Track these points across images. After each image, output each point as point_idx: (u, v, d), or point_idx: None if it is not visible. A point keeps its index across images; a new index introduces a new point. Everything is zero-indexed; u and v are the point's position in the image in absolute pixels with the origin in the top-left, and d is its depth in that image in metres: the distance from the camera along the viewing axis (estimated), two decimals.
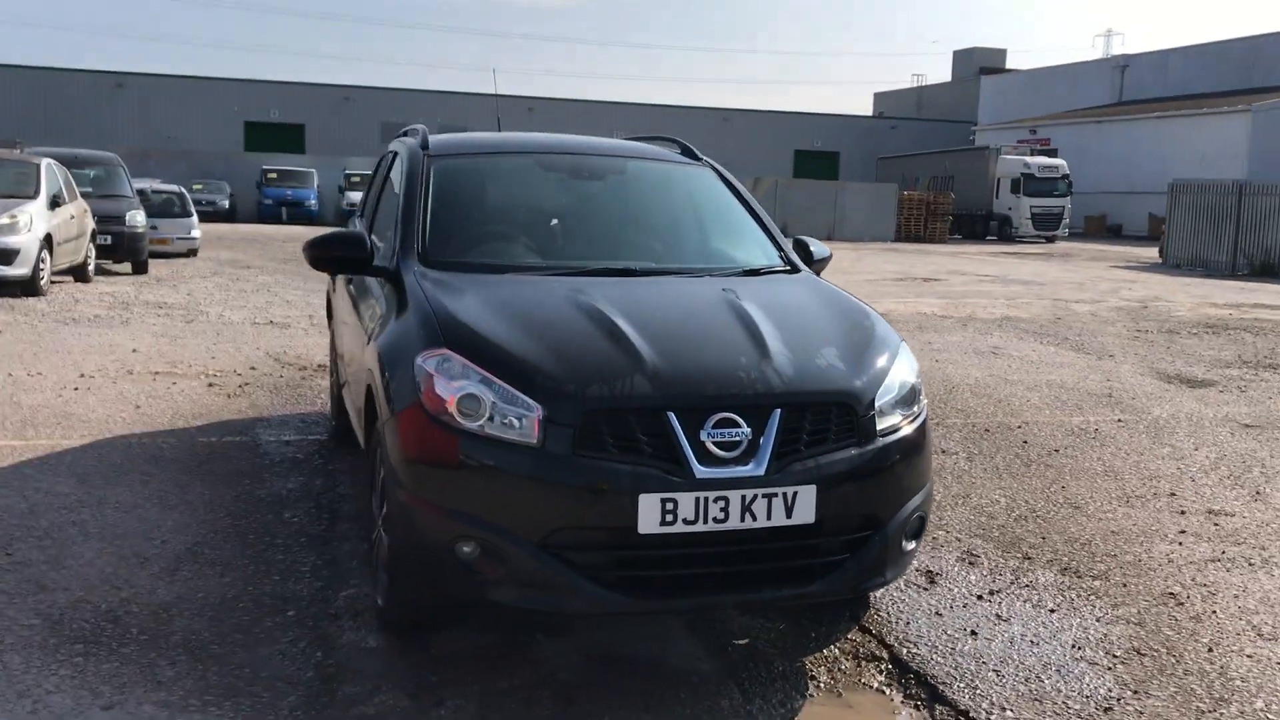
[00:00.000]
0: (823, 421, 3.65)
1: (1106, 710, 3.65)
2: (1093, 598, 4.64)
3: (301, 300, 14.51)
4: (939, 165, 49.52)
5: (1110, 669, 3.96)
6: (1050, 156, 46.28)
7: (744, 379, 3.63)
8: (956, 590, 4.67)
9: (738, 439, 3.49)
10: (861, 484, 3.67)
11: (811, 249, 5.16)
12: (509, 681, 3.72)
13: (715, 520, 3.44)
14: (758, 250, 5.00)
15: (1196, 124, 47.72)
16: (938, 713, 3.66)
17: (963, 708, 3.65)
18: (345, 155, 46.94)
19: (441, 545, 3.52)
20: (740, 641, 4.15)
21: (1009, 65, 73.34)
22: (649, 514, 3.39)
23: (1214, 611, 4.53)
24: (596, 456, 3.41)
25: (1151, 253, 35.82)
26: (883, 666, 3.99)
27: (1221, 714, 3.65)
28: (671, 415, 3.47)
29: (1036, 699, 3.72)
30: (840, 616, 4.35)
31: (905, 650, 4.08)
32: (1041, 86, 63.69)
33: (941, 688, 3.80)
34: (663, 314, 4.07)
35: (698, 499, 3.42)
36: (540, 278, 4.40)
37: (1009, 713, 3.61)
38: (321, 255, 4.70)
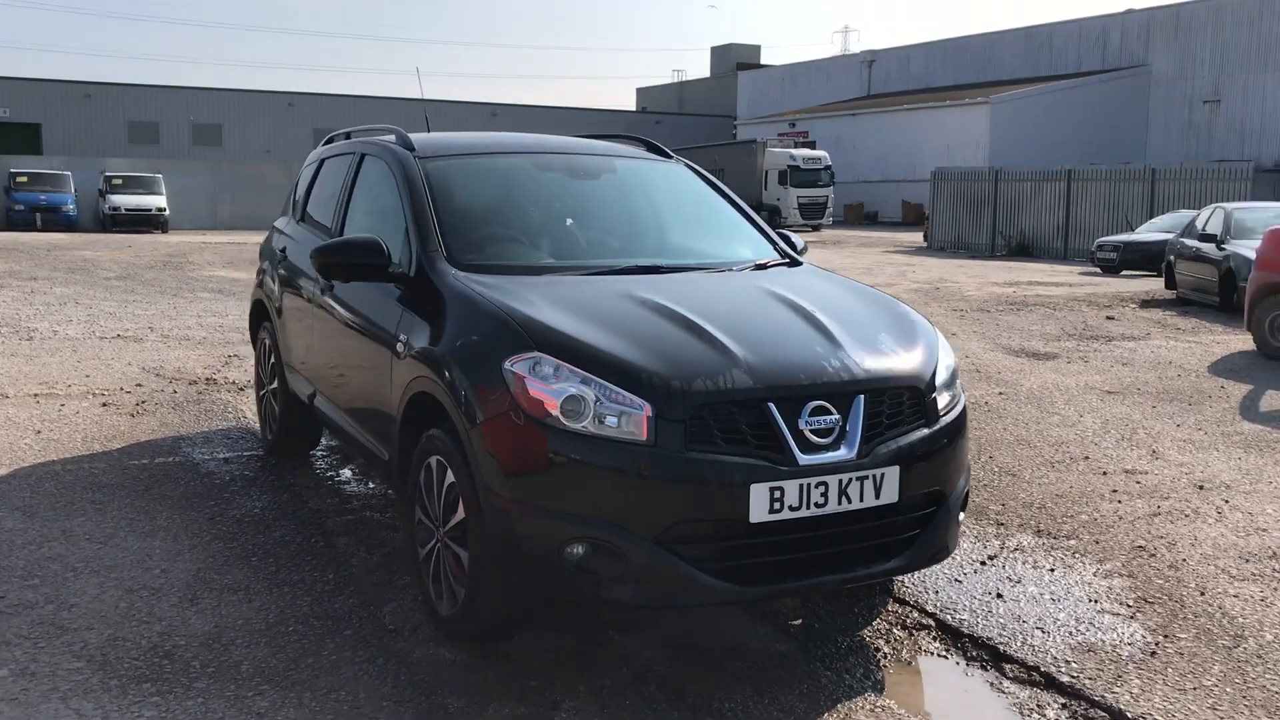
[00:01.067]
0: (897, 405, 3.86)
1: (1152, 654, 4.01)
2: (1078, 556, 5.05)
3: (125, 312, 13.69)
4: (709, 159, 50.78)
5: (1132, 618, 4.35)
6: (810, 149, 48.34)
7: (828, 368, 3.78)
8: (960, 558, 4.98)
9: (830, 426, 3.65)
10: (930, 462, 3.90)
11: (794, 240, 5.37)
12: (610, 679, 3.76)
13: (816, 505, 3.59)
14: (753, 243, 5.17)
15: (942, 115, 50.88)
16: (1008, 670, 3.93)
17: (1031, 664, 3.94)
18: (93, 156, 44.11)
19: (551, 549, 3.52)
20: (795, 622, 4.32)
21: (763, 61, 76.20)
22: (759, 503, 3.51)
23: (1184, 560, 5.01)
24: (707, 450, 3.49)
25: (914, 237, 38.10)
26: (933, 633, 4.24)
27: (1244, 648, 4.07)
28: (772, 406, 3.60)
29: (1089, 650, 4.04)
30: (873, 591, 4.58)
31: (950, 617, 4.35)
32: (797, 81, 66.51)
33: (1001, 647, 4.07)
34: (724, 308, 4.16)
35: (801, 485, 3.56)
36: (582, 278, 4.42)
37: (1073, 665, 3.92)
38: (335, 262, 4.57)
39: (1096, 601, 4.51)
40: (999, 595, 4.57)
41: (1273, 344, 10.87)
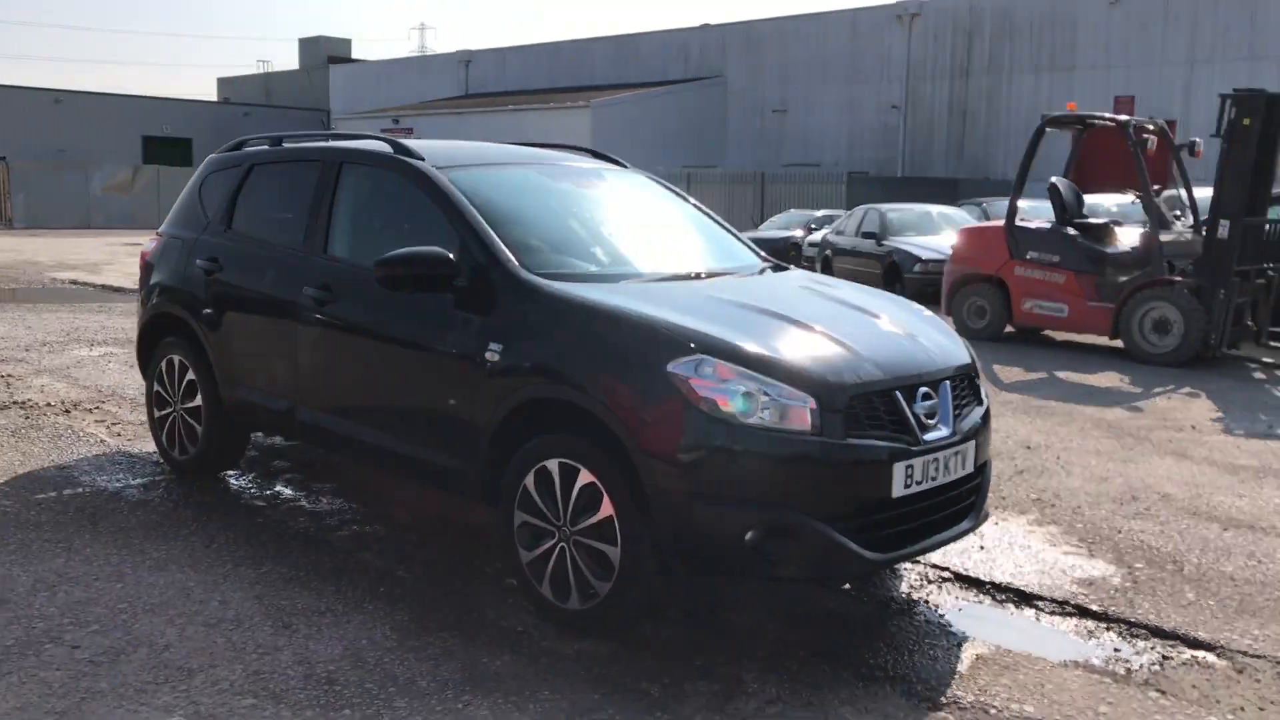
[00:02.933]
0: (963, 388, 4.53)
1: (1134, 582, 4.94)
2: (998, 510, 5.95)
3: None
4: None
5: (1093, 556, 5.26)
6: None
7: (923, 358, 4.38)
8: None
9: (934, 409, 4.26)
10: (984, 436, 4.60)
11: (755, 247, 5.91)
12: (763, 651, 4.13)
13: (931, 479, 4.19)
14: (738, 249, 5.63)
15: (547, 117, 52.51)
16: (1042, 606, 4.69)
17: (1059, 599, 4.71)
18: None
19: (733, 535, 3.86)
20: (846, 586, 4.87)
21: (355, 55, 74.77)
22: (899, 480, 4.06)
23: (1079, 507, 6.06)
24: (859, 436, 3.98)
25: None
26: (959, 584, 4.93)
27: (1187, 571, 5.08)
28: (899, 393, 4.15)
29: (1090, 583, 4.89)
30: None
31: (959, 569, 5.06)
32: (393, 77, 65.89)
33: (1023, 589, 4.84)
34: (806, 309, 4.62)
35: (925, 462, 4.14)
36: (656, 283, 4.71)
37: (1089, 595, 4.75)
38: (400, 274, 4.55)
39: (1056, 546, 5.41)
40: (981, 547, 5.35)
41: (970, 326, 12.70)
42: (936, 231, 17.15)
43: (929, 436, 4.16)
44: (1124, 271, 11.25)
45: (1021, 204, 12.61)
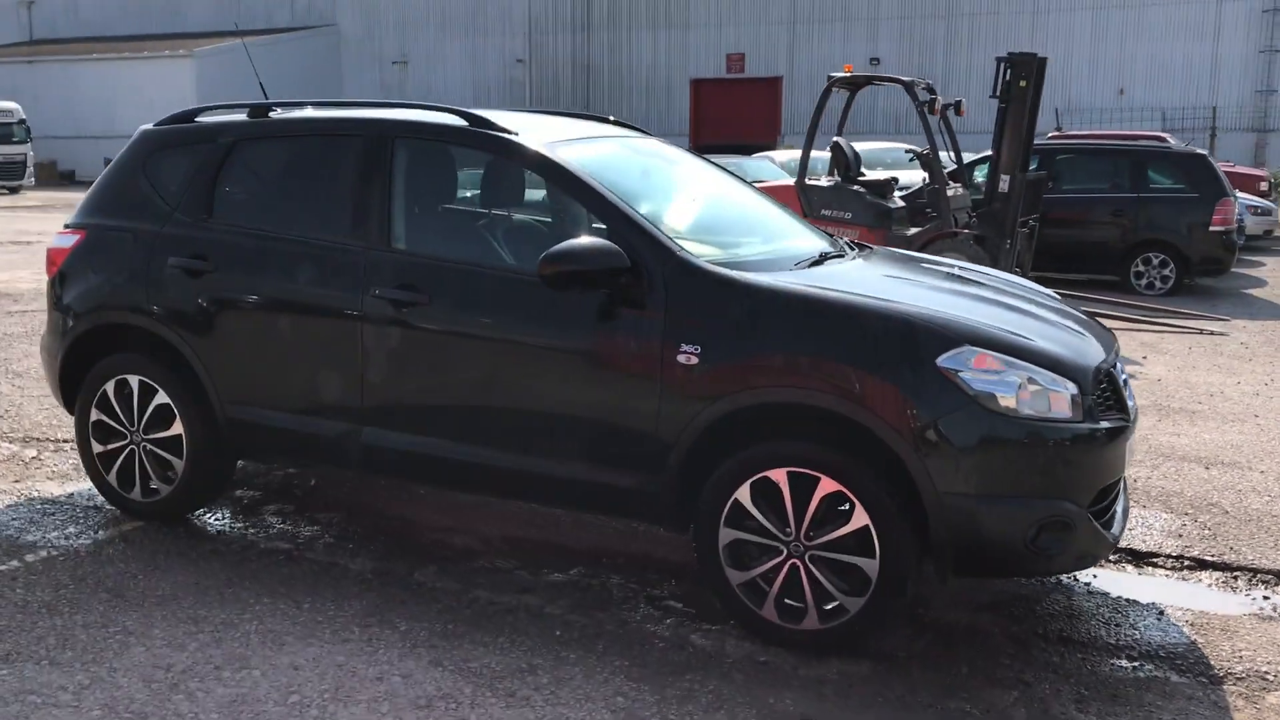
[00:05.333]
0: None
1: (1220, 527, 5.26)
2: None
3: None
4: None
5: (1169, 510, 5.53)
6: None
7: (1108, 340, 4.42)
8: None
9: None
10: None
11: None
12: (1010, 649, 4.04)
13: (1132, 455, 4.24)
14: (800, 225, 5.32)
15: (140, 67, 47.95)
16: (1161, 563, 4.89)
17: (1175, 554, 4.95)
18: None
19: (1018, 534, 3.73)
20: None
21: None
22: (1129, 459, 4.09)
23: None
24: (1103, 419, 3.93)
25: None
26: None
27: (1245, 514, 5.45)
28: (1115, 369, 4.16)
29: (1181, 535, 5.17)
30: None
31: None
32: None
33: (1136, 548, 5.03)
34: (985, 290, 4.54)
35: (1133, 440, 4.18)
36: (824, 268, 4.41)
37: (1196, 548, 5.01)
38: (570, 271, 3.95)
39: (1137, 504, 5.58)
40: None
41: None
42: None
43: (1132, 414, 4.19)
44: (911, 225, 11.88)
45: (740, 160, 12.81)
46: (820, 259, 4.58)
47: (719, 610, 4.13)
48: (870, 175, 12.63)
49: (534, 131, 4.51)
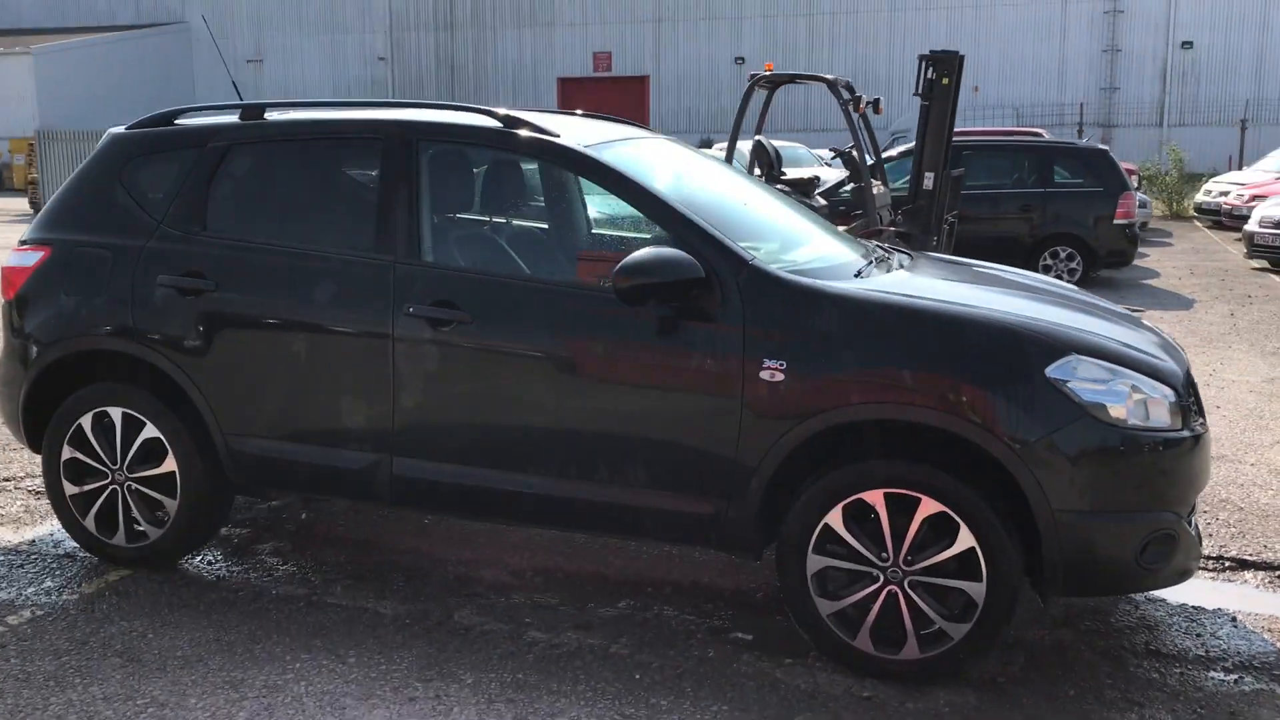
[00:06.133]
0: None
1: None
2: None
3: None
4: None
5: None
6: None
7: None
8: None
9: None
10: None
11: None
12: (1107, 666, 3.90)
13: None
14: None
15: None
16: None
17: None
18: None
19: (1129, 549, 3.59)
20: None
21: None
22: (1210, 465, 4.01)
23: None
24: (1192, 424, 3.81)
25: (14, 203, 34.08)
26: None
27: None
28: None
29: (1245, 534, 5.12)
30: None
31: None
32: None
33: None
34: (1049, 293, 4.44)
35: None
36: (894, 275, 4.22)
37: (1250, 557, 4.99)
38: (647, 285, 3.65)
39: None
40: None
41: None
42: None
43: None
44: (839, 223, 11.83)
45: None
46: (877, 263, 4.36)
47: (790, 641, 3.92)
48: (792, 173, 12.55)
49: (571, 133, 4.18)
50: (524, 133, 4.13)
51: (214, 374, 4.30)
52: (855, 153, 11.47)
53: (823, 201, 11.96)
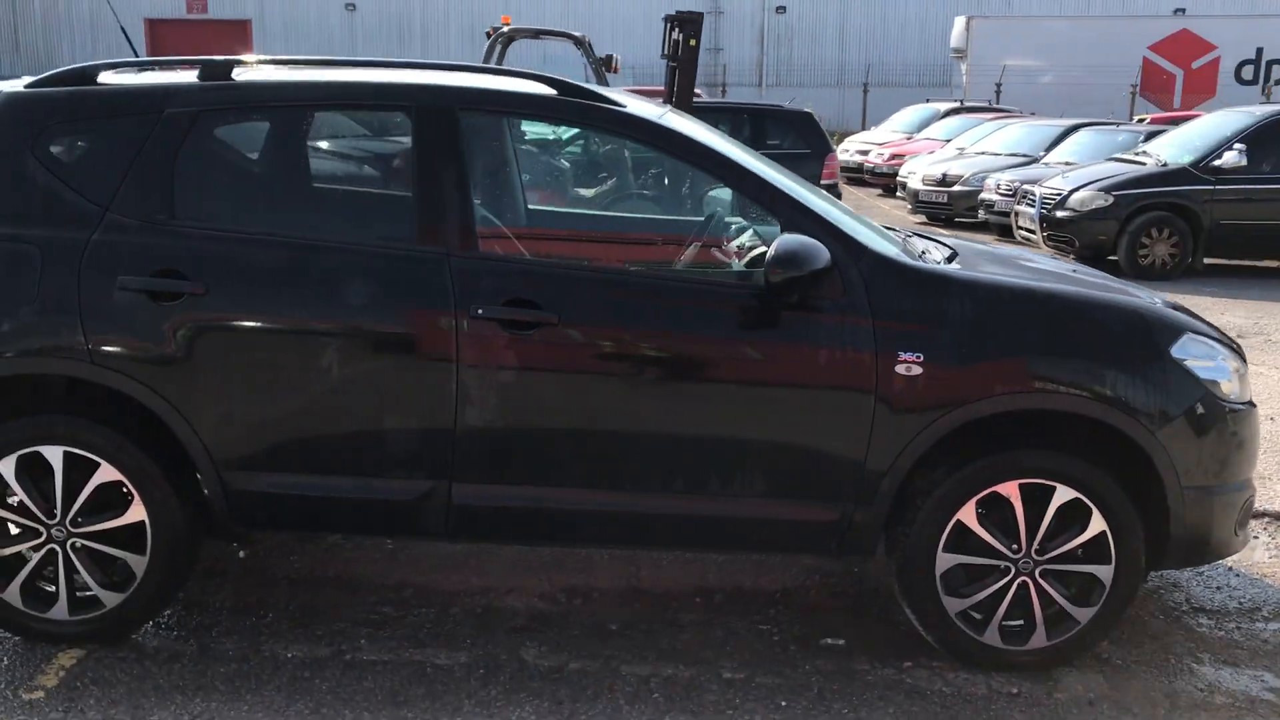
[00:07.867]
0: None
1: None
2: None
3: None
4: None
5: None
6: None
7: None
8: None
9: None
10: None
11: None
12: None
13: None
14: None
15: None
16: None
17: None
18: None
19: (1232, 518, 3.75)
20: None
21: None
22: None
23: None
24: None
25: None
26: None
27: None
28: None
29: None
30: None
31: None
32: None
33: None
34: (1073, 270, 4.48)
35: None
36: (965, 257, 4.08)
37: None
38: (796, 278, 3.30)
39: None
40: None
41: None
42: None
43: None
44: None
45: None
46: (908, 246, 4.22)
47: (888, 642, 3.83)
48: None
49: (632, 103, 3.70)
50: (588, 102, 3.60)
51: (206, 398, 3.44)
52: None
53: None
